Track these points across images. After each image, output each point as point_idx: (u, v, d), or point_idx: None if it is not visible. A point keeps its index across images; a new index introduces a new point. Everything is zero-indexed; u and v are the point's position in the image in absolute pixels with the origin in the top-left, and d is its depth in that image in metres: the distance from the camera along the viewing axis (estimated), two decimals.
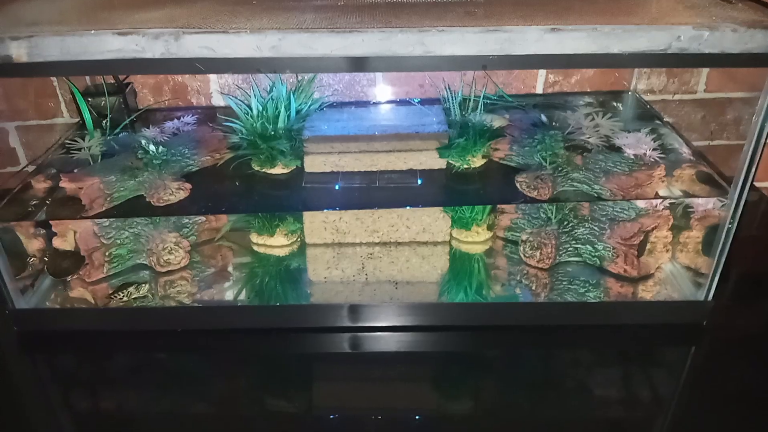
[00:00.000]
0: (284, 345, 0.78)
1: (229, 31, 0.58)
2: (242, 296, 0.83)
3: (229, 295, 0.84)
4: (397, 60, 0.58)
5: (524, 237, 0.85)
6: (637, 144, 0.83)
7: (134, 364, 0.77)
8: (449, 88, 0.89)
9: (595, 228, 0.84)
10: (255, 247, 0.91)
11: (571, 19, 0.62)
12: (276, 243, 0.90)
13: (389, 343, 0.78)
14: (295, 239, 0.91)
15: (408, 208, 0.87)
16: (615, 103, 0.97)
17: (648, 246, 0.83)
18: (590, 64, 0.59)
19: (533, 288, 0.82)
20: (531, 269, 0.84)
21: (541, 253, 0.83)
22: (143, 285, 0.82)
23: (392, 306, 0.79)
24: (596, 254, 0.84)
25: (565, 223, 0.86)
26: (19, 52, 0.58)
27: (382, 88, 0.98)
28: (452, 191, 0.82)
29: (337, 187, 0.79)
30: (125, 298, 0.80)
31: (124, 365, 0.77)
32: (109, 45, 0.57)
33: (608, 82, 1.00)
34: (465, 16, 0.63)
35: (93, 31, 0.58)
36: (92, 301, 0.81)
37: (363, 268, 0.86)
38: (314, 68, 0.57)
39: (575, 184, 0.79)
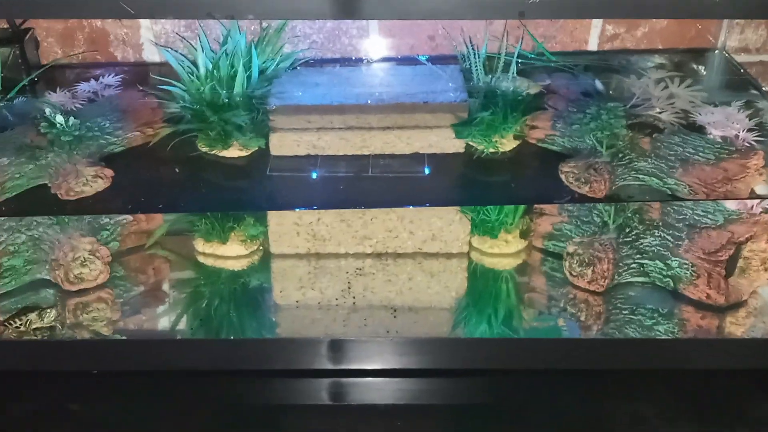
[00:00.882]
0: (241, 393, 0.78)
1: None
2: (182, 326, 0.83)
3: (163, 324, 0.84)
4: (403, 3, 0.57)
5: (571, 249, 0.85)
6: (727, 122, 0.82)
7: (33, 418, 0.76)
8: (471, 43, 0.88)
9: (668, 237, 0.84)
10: (201, 258, 0.91)
11: None
12: (229, 252, 0.90)
13: (384, 392, 0.78)
14: (255, 248, 0.91)
15: (411, 207, 0.86)
16: (696, 66, 0.97)
17: (740, 263, 0.82)
18: (668, 12, 0.58)
19: (582, 318, 0.82)
20: (579, 292, 0.84)
21: (593, 272, 0.83)
22: (49, 311, 0.81)
23: (389, 342, 0.79)
24: (669, 273, 0.84)
25: (627, 230, 0.85)
26: None
27: (377, 41, 0.98)
28: (473, 185, 0.82)
29: (314, 176, 0.79)
30: (23, 328, 0.79)
31: (19, 419, 0.76)
32: None
33: (687, 37, 0.99)
34: None
35: None
36: None
37: (349, 288, 0.87)
38: (287, 13, 0.56)
39: (641, 176, 0.78)
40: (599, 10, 0.59)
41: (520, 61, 0.87)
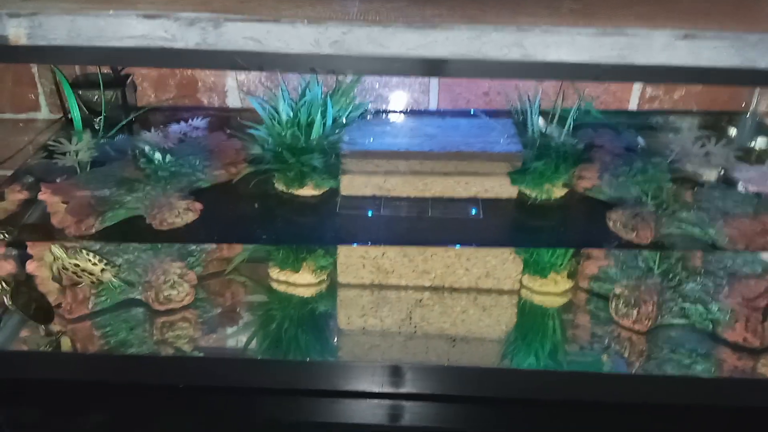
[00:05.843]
0: (305, 412, 0.77)
1: (281, 20, 0.57)
2: (253, 346, 0.83)
3: (237, 344, 0.84)
4: (486, 64, 0.58)
5: (618, 290, 0.83)
6: (761, 179, 0.82)
7: (119, 426, 0.76)
8: (528, 98, 0.88)
9: (709, 284, 0.82)
10: (274, 284, 0.90)
11: (702, 22, 0.61)
12: (301, 280, 0.90)
13: (439, 416, 0.76)
14: (324, 277, 0.90)
15: (462, 246, 0.85)
16: (728, 127, 0.96)
17: None
18: (729, 80, 0.58)
19: (625, 355, 0.80)
20: (623, 331, 0.82)
21: (638, 312, 0.81)
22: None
23: (447, 369, 0.78)
24: (709, 317, 0.82)
25: (671, 275, 0.84)
26: (17, 32, 0.58)
27: (437, 95, 0.98)
28: (525, 228, 0.83)
29: (374, 215, 0.80)
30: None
31: (104, 428, 0.75)
32: (131, 29, 0.57)
33: (720, 101, 0.99)
34: (569, 13, 0.62)
35: (112, 11, 0.57)
36: (70, 344, 0.80)
37: (409, 317, 0.85)
38: (382, 70, 0.58)
39: (684, 226, 0.78)
40: (670, 75, 0.58)
41: (565, 115, 0.85)
